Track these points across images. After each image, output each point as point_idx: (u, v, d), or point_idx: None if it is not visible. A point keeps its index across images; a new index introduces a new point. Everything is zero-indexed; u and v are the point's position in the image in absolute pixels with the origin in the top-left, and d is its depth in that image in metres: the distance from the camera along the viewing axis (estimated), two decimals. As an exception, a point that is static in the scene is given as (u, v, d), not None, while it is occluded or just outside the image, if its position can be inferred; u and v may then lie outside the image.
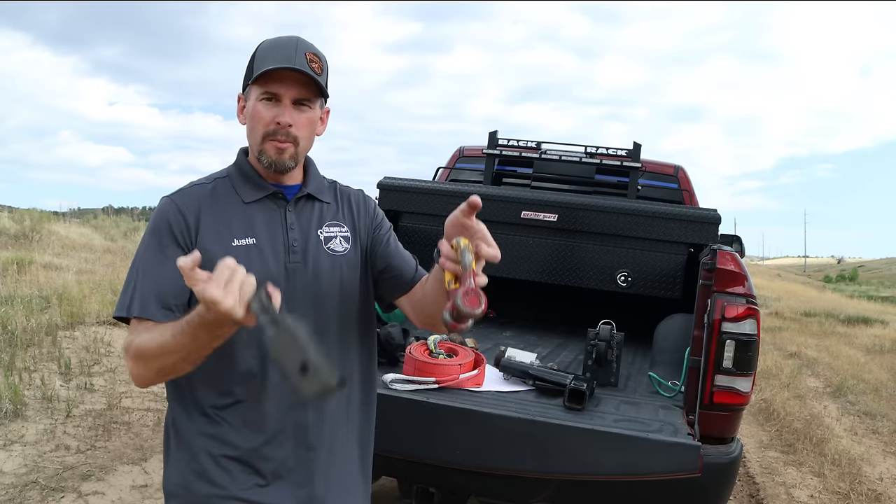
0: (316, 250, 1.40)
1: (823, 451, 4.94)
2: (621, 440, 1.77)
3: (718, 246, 2.29)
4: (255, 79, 1.32)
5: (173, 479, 1.35)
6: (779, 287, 27.74)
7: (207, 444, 1.32)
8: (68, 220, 16.51)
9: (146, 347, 1.19)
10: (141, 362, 1.22)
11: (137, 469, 3.52)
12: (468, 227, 1.28)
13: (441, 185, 3.57)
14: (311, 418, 1.37)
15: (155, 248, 1.30)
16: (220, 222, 1.33)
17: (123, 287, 1.30)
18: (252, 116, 1.35)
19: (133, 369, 1.24)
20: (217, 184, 1.39)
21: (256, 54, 1.35)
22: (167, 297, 1.27)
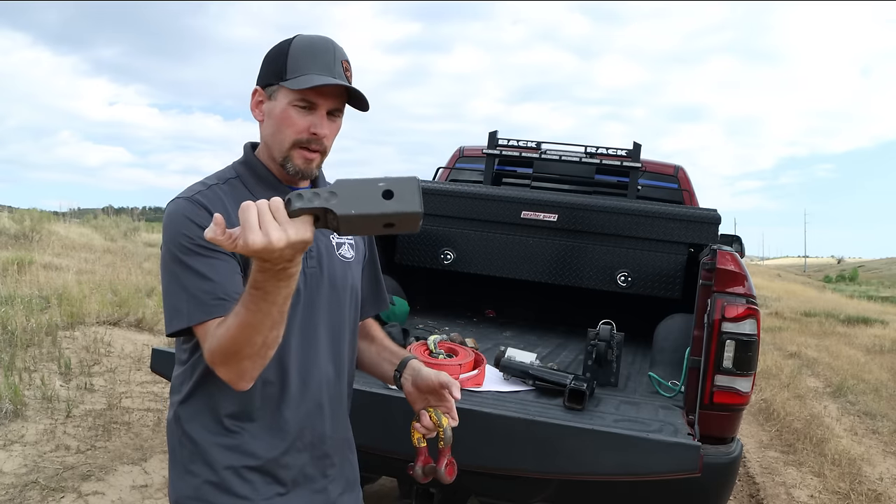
0: (329, 256, 1.39)
1: (823, 451, 4.94)
2: (621, 440, 1.77)
3: (718, 246, 2.29)
4: (290, 85, 1.26)
5: (184, 491, 1.30)
6: (779, 287, 27.74)
7: (227, 456, 1.27)
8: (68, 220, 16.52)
9: (228, 338, 1.09)
10: (233, 359, 1.11)
11: (137, 469, 3.52)
12: (443, 400, 1.36)
13: (441, 185, 3.57)
14: (327, 423, 1.37)
15: (187, 252, 1.21)
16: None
17: (169, 302, 1.22)
18: (281, 121, 1.28)
19: (228, 373, 1.14)
20: (232, 184, 1.32)
21: (291, 53, 1.28)
22: (218, 292, 1.19)
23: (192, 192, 1.27)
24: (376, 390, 2.02)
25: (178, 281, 1.21)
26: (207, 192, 1.28)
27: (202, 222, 1.19)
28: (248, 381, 1.15)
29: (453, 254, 3.42)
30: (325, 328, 1.36)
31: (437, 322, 3.40)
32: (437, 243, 3.44)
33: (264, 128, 1.32)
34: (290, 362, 1.31)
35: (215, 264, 1.20)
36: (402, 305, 3.16)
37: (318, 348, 1.36)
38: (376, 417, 1.85)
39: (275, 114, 1.28)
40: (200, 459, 1.28)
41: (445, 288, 4.01)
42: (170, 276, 1.23)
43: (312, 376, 1.35)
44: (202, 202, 1.24)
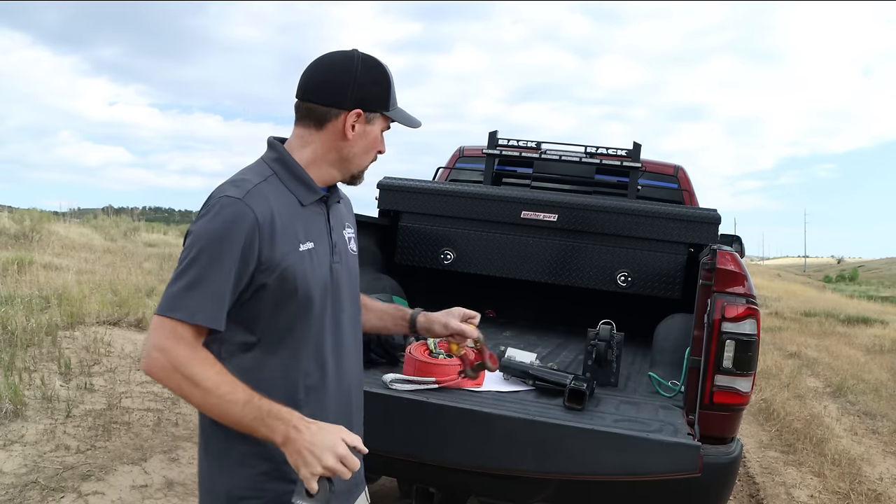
0: (345, 250, 1.49)
1: (823, 451, 4.94)
2: (621, 440, 1.77)
3: (718, 246, 2.29)
4: (395, 117, 1.43)
5: (239, 482, 1.34)
6: (779, 287, 27.74)
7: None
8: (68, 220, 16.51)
9: (210, 384, 1.22)
10: (187, 385, 1.23)
11: (137, 469, 3.52)
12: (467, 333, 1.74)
13: (441, 185, 3.57)
14: (354, 413, 1.49)
15: (217, 257, 1.26)
16: (288, 227, 1.34)
17: (179, 286, 1.26)
18: (373, 144, 1.43)
19: (166, 376, 1.24)
20: (272, 182, 1.36)
21: (390, 84, 1.42)
22: (222, 307, 1.27)
23: (245, 193, 1.31)
24: (376, 390, 2.02)
25: (195, 275, 1.26)
26: (256, 191, 1.32)
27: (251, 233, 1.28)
28: (156, 379, 1.28)
29: (453, 254, 3.42)
30: (348, 319, 1.47)
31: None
32: (437, 243, 3.44)
33: (350, 145, 1.40)
34: (327, 354, 1.41)
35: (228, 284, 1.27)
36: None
37: (345, 339, 1.46)
38: (376, 417, 1.85)
39: (370, 137, 1.42)
40: (254, 452, 1.33)
41: (445, 288, 4.01)
42: (192, 263, 1.27)
43: (344, 367, 1.46)
44: (256, 213, 1.29)
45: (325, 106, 1.37)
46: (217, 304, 1.27)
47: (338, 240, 1.46)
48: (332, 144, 1.39)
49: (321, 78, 1.39)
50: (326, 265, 1.41)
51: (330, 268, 1.41)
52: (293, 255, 1.33)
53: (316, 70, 1.40)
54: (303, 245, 1.35)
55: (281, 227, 1.32)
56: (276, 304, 1.33)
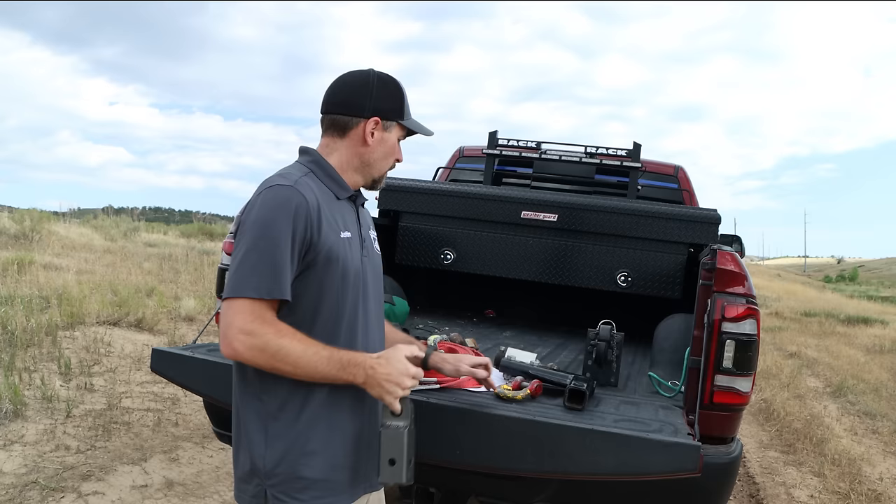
0: (371, 248, 1.65)
1: (823, 451, 4.94)
2: (621, 440, 1.77)
3: (718, 246, 2.29)
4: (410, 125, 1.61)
5: (330, 460, 1.48)
6: (779, 287, 27.75)
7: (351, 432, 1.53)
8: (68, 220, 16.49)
9: (299, 351, 1.38)
10: (280, 357, 1.37)
11: (137, 469, 3.52)
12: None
13: (441, 185, 3.57)
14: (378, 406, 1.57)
15: (277, 239, 1.40)
16: (330, 215, 1.50)
17: (247, 268, 1.39)
18: (392, 150, 1.62)
19: (256, 355, 1.37)
20: (311, 178, 1.52)
21: (405, 97, 1.61)
22: (287, 281, 1.41)
23: (295, 182, 1.46)
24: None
25: (259, 255, 1.40)
26: (303, 181, 1.48)
27: (305, 215, 1.43)
28: (238, 359, 1.42)
29: (453, 254, 3.42)
30: (374, 314, 1.62)
31: (437, 322, 3.40)
32: (437, 243, 3.44)
33: (370, 151, 1.58)
34: (358, 339, 1.54)
35: (288, 263, 1.42)
36: (402, 305, 3.16)
37: (371, 329, 1.59)
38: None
39: (388, 144, 1.60)
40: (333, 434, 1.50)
41: (445, 288, 4.01)
42: (255, 245, 1.41)
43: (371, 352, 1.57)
44: (307, 197, 1.44)
45: (346, 116, 1.56)
46: (285, 277, 1.41)
47: (366, 237, 1.62)
48: (355, 150, 1.58)
49: (342, 92, 1.58)
50: (358, 257, 1.56)
51: (360, 260, 1.57)
52: (336, 240, 1.49)
53: (338, 86, 1.59)
54: (343, 233, 1.52)
55: (326, 212, 1.48)
56: (319, 284, 1.47)
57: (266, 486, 1.45)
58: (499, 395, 2.07)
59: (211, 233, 17.57)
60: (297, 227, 1.41)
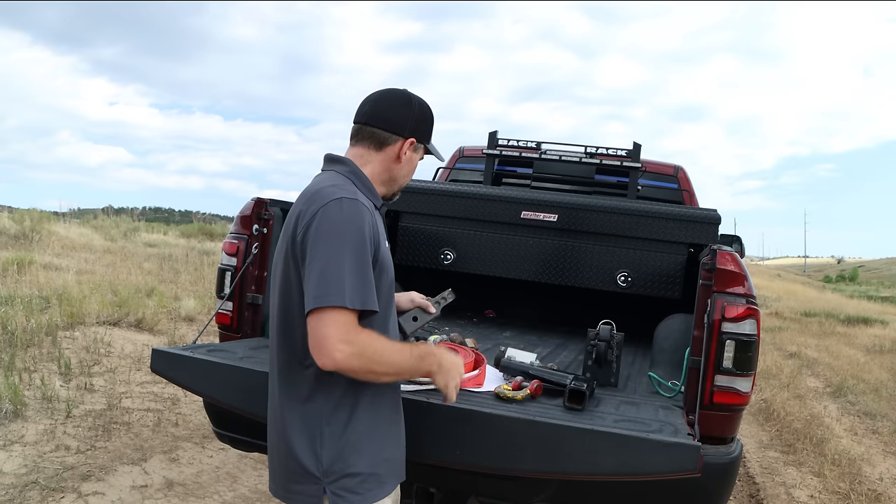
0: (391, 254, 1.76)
1: (823, 451, 4.94)
2: (621, 440, 1.77)
3: (718, 246, 2.29)
4: (433, 151, 1.75)
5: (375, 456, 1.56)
6: (779, 287, 27.76)
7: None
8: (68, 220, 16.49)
9: (389, 354, 1.48)
10: (375, 361, 1.45)
11: (137, 469, 3.52)
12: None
13: (441, 186, 3.57)
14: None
15: (361, 251, 1.47)
16: (378, 226, 1.59)
17: (335, 278, 1.43)
18: (413, 168, 1.74)
19: (358, 364, 1.43)
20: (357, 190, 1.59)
21: (433, 120, 1.73)
22: (371, 293, 1.48)
23: (356, 195, 1.54)
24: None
25: (349, 269, 1.44)
26: (360, 194, 1.57)
27: (371, 227, 1.51)
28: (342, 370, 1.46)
29: (453, 254, 3.42)
30: (392, 314, 1.68)
31: (437, 322, 3.40)
32: (437, 243, 3.44)
33: (399, 168, 1.68)
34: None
35: (370, 273, 1.50)
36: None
37: (392, 333, 1.66)
38: None
39: (413, 163, 1.73)
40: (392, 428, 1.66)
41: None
42: (343, 258, 1.45)
43: None
44: (370, 210, 1.55)
45: (387, 132, 1.64)
46: (371, 288, 1.48)
47: (388, 244, 1.70)
48: (387, 165, 1.66)
49: (386, 109, 1.65)
50: (392, 264, 1.67)
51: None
52: (385, 251, 1.60)
53: (381, 102, 1.66)
54: (384, 243, 1.61)
55: (378, 224, 1.58)
56: (377, 292, 1.53)
57: (325, 485, 1.51)
58: (499, 395, 2.07)
59: (211, 233, 17.57)
60: (370, 240, 1.50)
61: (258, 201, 2.66)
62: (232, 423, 2.36)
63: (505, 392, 2.06)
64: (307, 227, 1.47)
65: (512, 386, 2.13)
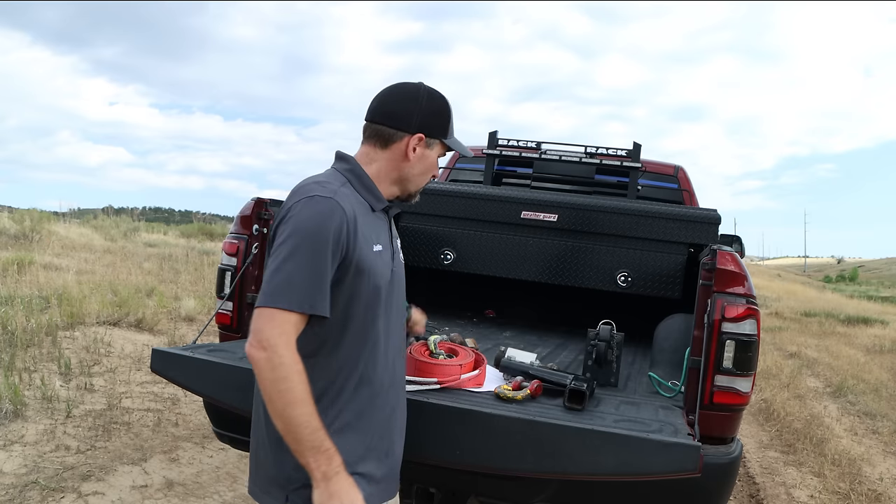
0: (398, 258, 1.66)
1: (823, 452, 4.94)
2: (621, 440, 1.77)
3: (718, 246, 2.29)
4: (452, 145, 1.63)
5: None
6: (779, 287, 27.75)
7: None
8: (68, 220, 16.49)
9: (292, 394, 1.33)
10: (274, 381, 1.33)
11: (137, 469, 3.52)
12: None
13: (441, 186, 3.57)
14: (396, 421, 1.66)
15: (317, 252, 1.39)
16: (365, 227, 1.50)
17: (282, 277, 1.37)
18: (431, 167, 1.63)
19: (260, 364, 1.34)
20: (347, 188, 1.52)
21: (450, 115, 1.62)
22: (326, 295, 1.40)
23: (335, 193, 1.45)
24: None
25: (294, 268, 1.38)
26: (342, 192, 1.48)
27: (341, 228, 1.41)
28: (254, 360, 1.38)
29: (453, 254, 3.41)
30: (397, 322, 1.63)
31: (437, 322, 3.40)
32: (437, 243, 3.44)
33: (409, 165, 1.59)
34: (380, 351, 1.54)
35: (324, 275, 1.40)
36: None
37: (392, 340, 1.60)
38: None
39: (429, 160, 1.62)
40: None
41: (445, 288, 4.01)
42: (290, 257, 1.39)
43: (392, 366, 1.59)
44: (345, 209, 1.43)
45: (391, 128, 1.56)
46: (325, 292, 1.40)
47: (395, 248, 1.64)
48: (395, 164, 1.58)
49: (391, 104, 1.58)
50: (389, 268, 1.57)
51: (391, 271, 1.58)
52: (368, 253, 1.49)
53: (387, 97, 1.59)
54: (375, 246, 1.52)
55: (361, 225, 1.48)
56: (351, 296, 1.47)
57: (288, 492, 1.46)
58: (499, 396, 2.07)
59: (211, 233, 17.57)
60: (337, 241, 1.40)
61: (258, 201, 2.66)
62: (232, 423, 2.36)
63: (505, 392, 2.06)
64: (278, 223, 1.45)
65: (512, 386, 2.13)
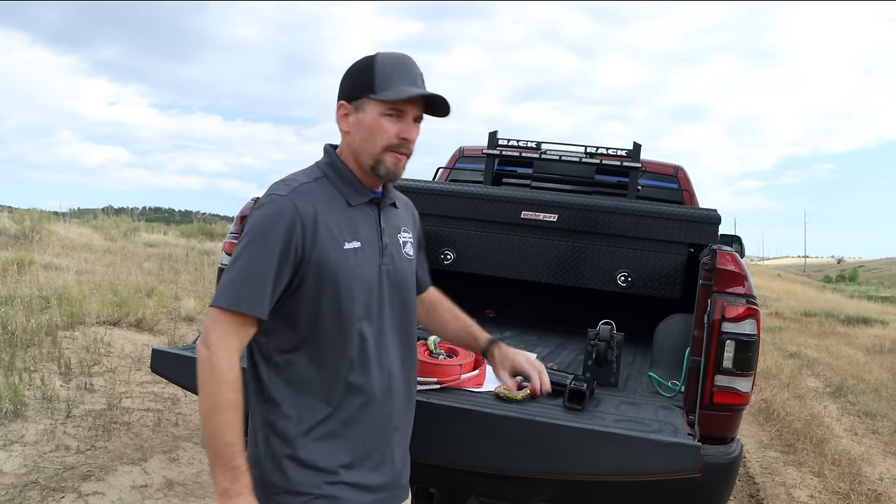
0: (398, 254, 1.53)
1: (823, 451, 4.94)
2: (621, 440, 1.77)
3: (718, 246, 2.29)
4: (382, 97, 1.41)
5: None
6: (779, 287, 27.75)
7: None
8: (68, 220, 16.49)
9: (220, 401, 1.30)
10: (206, 382, 1.32)
11: (137, 469, 3.52)
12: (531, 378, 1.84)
13: (441, 185, 3.57)
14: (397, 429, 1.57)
15: (261, 252, 1.36)
16: (332, 224, 1.41)
17: (227, 277, 1.36)
18: (373, 129, 1.43)
19: (199, 363, 1.33)
20: (321, 184, 1.45)
21: (377, 70, 1.42)
22: (270, 297, 1.36)
23: (291, 190, 1.40)
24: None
25: (239, 269, 1.36)
26: (303, 189, 1.41)
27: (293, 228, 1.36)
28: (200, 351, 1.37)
29: (453, 254, 3.41)
30: (396, 325, 1.51)
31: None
32: (437, 243, 3.44)
33: (352, 137, 1.46)
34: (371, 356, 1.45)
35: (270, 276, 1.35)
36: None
37: (387, 343, 1.49)
38: None
39: (365, 123, 1.43)
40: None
41: (445, 288, 4.00)
42: (238, 257, 1.37)
43: (389, 371, 1.49)
44: (299, 208, 1.38)
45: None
46: (264, 295, 1.34)
47: (389, 242, 1.51)
48: (345, 144, 1.49)
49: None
50: (375, 266, 1.46)
51: (378, 269, 1.47)
52: (335, 253, 1.40)
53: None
54: (348, 244, 1.42)
55: (326, 223, 1.40)
56: (313, 299, 1.40)
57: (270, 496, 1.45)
58: (499, 395, 2.07)
59: (211, 233, 17.57)
60: (287, 243, 1.35)
61: (258, 201, 2.66)
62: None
63: (505, 392, 2.06)
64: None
65: (512, 386, 2.13)
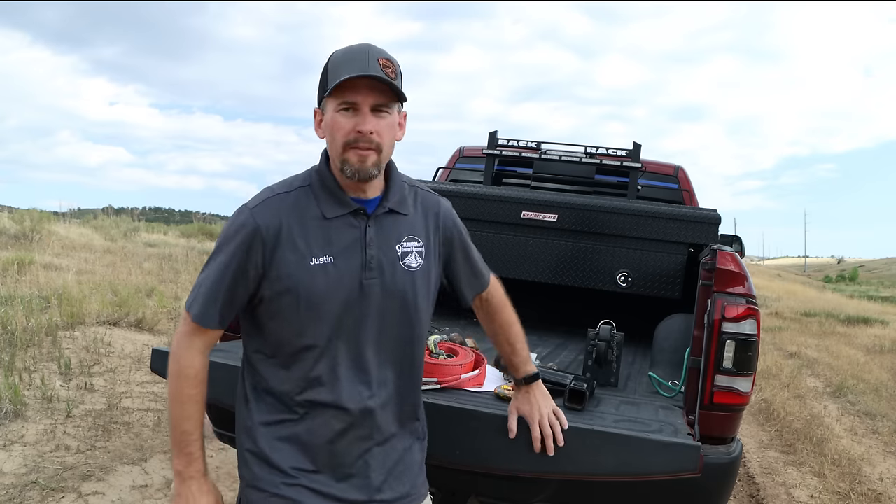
0: (392, 266, 1.42)
1: (823, 451, 4.94)
2: (621, 440, 1.77)
3: (718, 246, 2.29)
4: (330, 91, 1.32)
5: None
6: (779, 287, 27.74)
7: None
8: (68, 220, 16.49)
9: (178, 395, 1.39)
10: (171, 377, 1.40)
11: (137, 469, 3.52)
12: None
13: (441, 186, 3.57)
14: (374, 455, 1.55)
15: (221, 262, 1.37)
16: (300, 239, 1.35)
17: (196, 286, 1.41)
18: (331, 127, 1.35)
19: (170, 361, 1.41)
20: (299, 194, 1.39)
21: (329, 67, 1.36)
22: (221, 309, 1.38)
23: (258, 203, 1.38)
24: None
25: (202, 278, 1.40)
26: (270, 202, 1.37)
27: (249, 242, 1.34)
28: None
29: (453, 254, 3.41)
30: (376, 340, 1.42)
31: (437, 322, 3.39)
32: (437, 243, 3.44)
33: (327, 142, 1.39)
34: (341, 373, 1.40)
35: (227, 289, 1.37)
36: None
37: (367, 362, 1.41)
38: None
39: (327, 125, 1.37)
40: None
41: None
42: (204, 267, 1.41)
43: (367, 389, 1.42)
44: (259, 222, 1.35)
45: None
46: (208, 302, 1.37)
47: (377, 254, 1.40)
48: (327, 149, 1.43)
49: None
50: (353, 282, 1.38)
51: (359, 284, 1.38)
52: (297, 270, 1.34)
53: None
54: (316, 259, 1.35)
55: (288, 239, 1.34)
56: (275, 316, 1.37)
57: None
58: (499, 396, 2.07)
59: (211, 233, 17.57)
60: (245, 257, 1.34)
61: None
62: (232, 423, 2.35)
63: (505, 392, 2.06)
64: None
65: (512, 386, 2.13)
